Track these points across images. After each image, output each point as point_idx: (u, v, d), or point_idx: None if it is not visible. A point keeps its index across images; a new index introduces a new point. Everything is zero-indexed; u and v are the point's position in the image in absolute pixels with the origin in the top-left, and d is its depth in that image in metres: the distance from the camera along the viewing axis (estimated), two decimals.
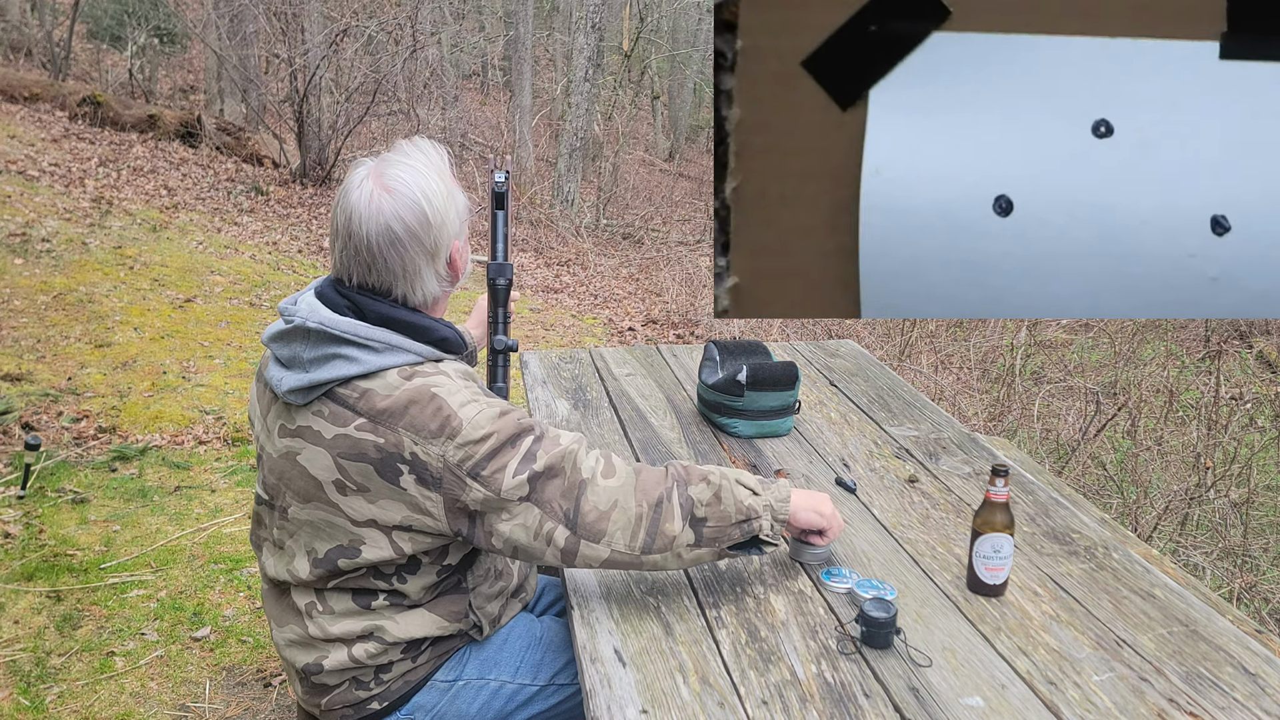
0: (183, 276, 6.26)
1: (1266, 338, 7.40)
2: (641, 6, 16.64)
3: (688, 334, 7.16)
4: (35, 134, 8.75)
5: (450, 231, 1.45)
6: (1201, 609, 1.58)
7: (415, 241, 1.41)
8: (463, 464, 1.35)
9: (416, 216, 1.40)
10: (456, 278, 1.51)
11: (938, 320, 6.43)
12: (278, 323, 1.46)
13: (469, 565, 1.54)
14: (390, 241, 1.39)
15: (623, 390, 2.52)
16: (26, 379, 4.36)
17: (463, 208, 1.48)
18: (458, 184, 1.50)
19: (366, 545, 1.42)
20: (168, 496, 3.57)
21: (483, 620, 1.57)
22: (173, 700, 2.49)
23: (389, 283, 1.43)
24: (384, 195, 1.40)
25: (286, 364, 1.43)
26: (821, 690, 1.32)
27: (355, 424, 1.37)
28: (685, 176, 17.42)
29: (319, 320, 1.39)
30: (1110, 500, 4.28)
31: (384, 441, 1.35)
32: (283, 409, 1.45)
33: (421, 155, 1.46)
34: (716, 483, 1.46)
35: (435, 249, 1.43)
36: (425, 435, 1.35)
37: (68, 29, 11.19)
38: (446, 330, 1.46)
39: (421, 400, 1.36)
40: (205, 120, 10.26)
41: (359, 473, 1.38)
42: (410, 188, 1.41)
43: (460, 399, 1.37)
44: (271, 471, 1.49)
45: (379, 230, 1.39)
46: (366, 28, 10.17)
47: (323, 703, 1.53)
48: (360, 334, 1.38)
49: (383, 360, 1.38)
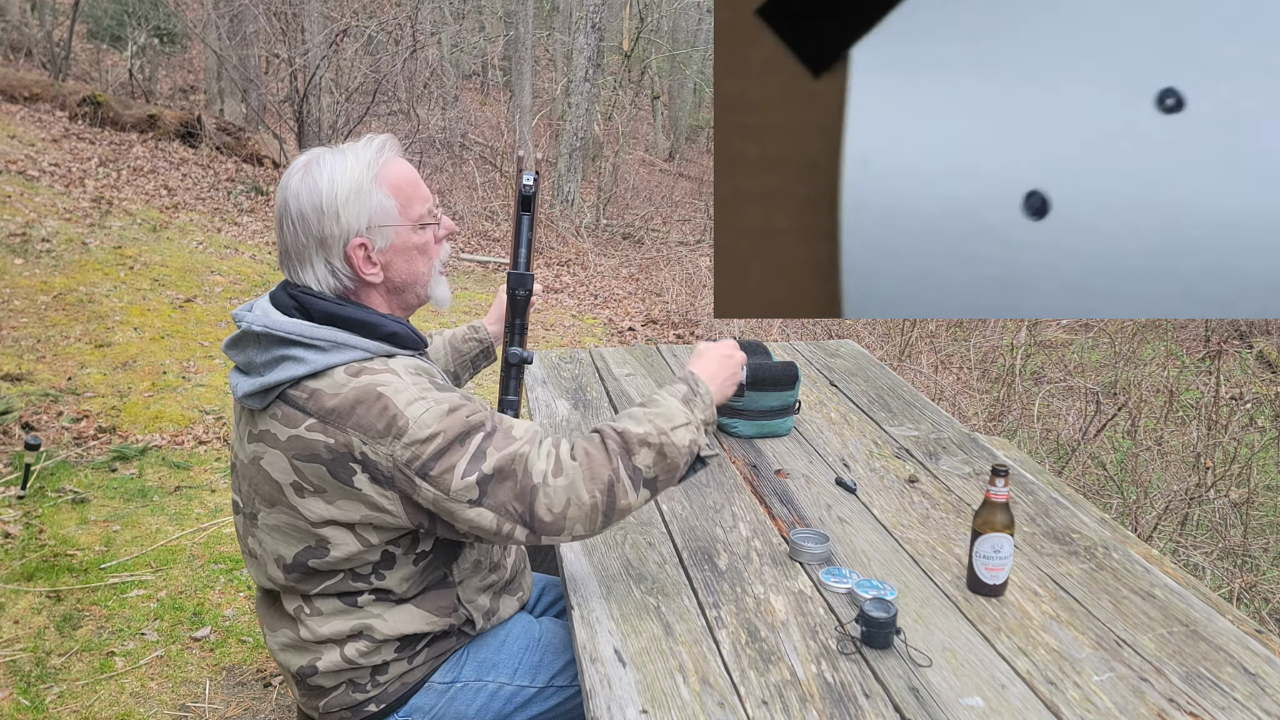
0: (183, 276, 6.26)
1: (1266, 338, 7.40)
2: (641, 6, 16.64)
3: (688, 334, 7.16)
4: (35, 134, 8.75)
5: (344, 228, 1.40)
6: (1201, 609, 1.58)
7: (302, 222, 1.41)
8: (410, 464, 1.35)
9: (311, 199, 1.40)
10: (365, 280, 1.45)
11: (938, 320, 6.43)
12: (235, 331, 1.47)
13: (453, 558, 1.53)
14: (285, 214, 1.43)
15: (623, 390, 2.52)
16: (26, 379, 4.36)
17: (378, 211, 1.42)
18: (392, 188, 1.44)
19: (333, 544, 1.42)
20: (168, 496, 3.57)
21: (474, 614, 1.56)
22: (173, 700, 2.49)
23: (288, 261, 1.44)
24: (299, 175, 1.43)
25: (245, 370, 1.45)
26: (821, 690, 1.32)
27: (305, 424, 1.37)
28: (685, 176, 17.41)
29: (264, 324, 1.40)
30: (1110, 500, 4.28)
31: (334, 442, 1.36)
32: (248, 415, 1.47)
33: (358, 148, 1.46)
34: (657, 442, 1.44)
35: (322, 238, 1.41)
36: (373, 435, 1.34)
37: (68, 29, 11.19)
38: (395, 325, 1.46)
39: (368, 400, 1.35)
40: (205, 120, 10.26)
41: (313, 474, 1.38)
42: (322, 171, 1.41)
43: (407, 397, 1.36)
44: (244, 479, 1.50)
45: (281, 202, 1.44)
46: (366, 28, 10.17)
47: (320, 705, 1.53)
48: (306, 334, 1.39)
49: (329, 359, 1.38)
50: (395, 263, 1.46)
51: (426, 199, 1.49)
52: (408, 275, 1.48)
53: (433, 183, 11.64)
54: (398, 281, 1.48)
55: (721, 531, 1.77)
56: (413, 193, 1.47)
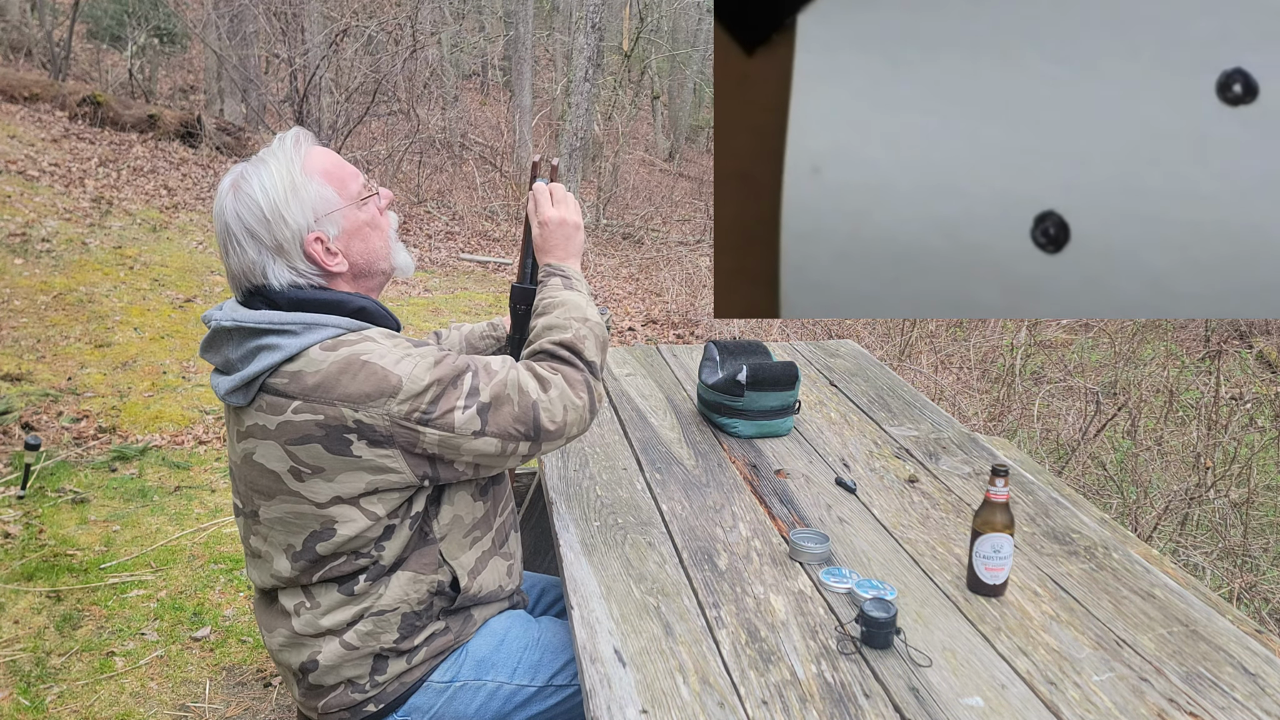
0: (183, 276, 6.26)
1: (1266, 338, 7.40)
2: (641, 6, 16.63)
3: (688, 334, 7.15)
4: (35, 134, 8.75)
5: (293, 228, 1.43)
6: (1201, 609, 1.58)
7: (251, 237, 1.43)
8: (409, 416, 1.39)
9: (252, 213, 1.42)
10: (329, 271, 1.47)
11: (938, 320, 6.43)
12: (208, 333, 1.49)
13: (434, 515, 1.53)
14: (229, 236, 1.44)
15: (623, 390, 2.52)
16: (26, 379, 4.36)
17: (319, 200, 1.45)
18: (324, 174, 1.46)
19: (339, 523, 1.44)
20: (168, 496, 3.57)
21: (458, 571, 1.54)
22: (173, 700, 2.49)
23: (251, 276, 1.45)
24: (230, 195, 1.44)
25: (223, 370, 1.47)
26: (821, 690, 1.32)
27: (292, 408, 1.39)
28: (685, 176, 17.41)
29: (233, 319, 1.42)
30: (1110, 500, 4.28)
31: (323, 417, 1.38)
32: (234, 414, 1.48)
33: (277, 150, 1.47)
34: (585, 332, 1.56)
35: (277, 245, 1.43)
36: (363, 400, 1.37)
37: (68, 29, 11.18)
38: (363, 300, 1.48)
39: (352, 369, 1.38)
40: (205, 120, 10.26)
41: (309, 455, 1.40)
42: (252, 185, 1.43)
43: (393, 358, 1.40)
44: (240, 479, 1.51)
45: (222, 227, 1.45)
46: (366, 28, 10.17)
47: (319, 705, 1.53)
48: (276, 321, 1.41)
49: (302, 340, 1.40)
50: (353, 245, 1.49)
51: (357, 175, 1.53)
52: (367, 253, 1.51)
53: (433, 183, 11.64)
54: (361, 263, 1.51)
55: (721, 531, 1.77)
56: (343, 173, 1.50)
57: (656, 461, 2.07)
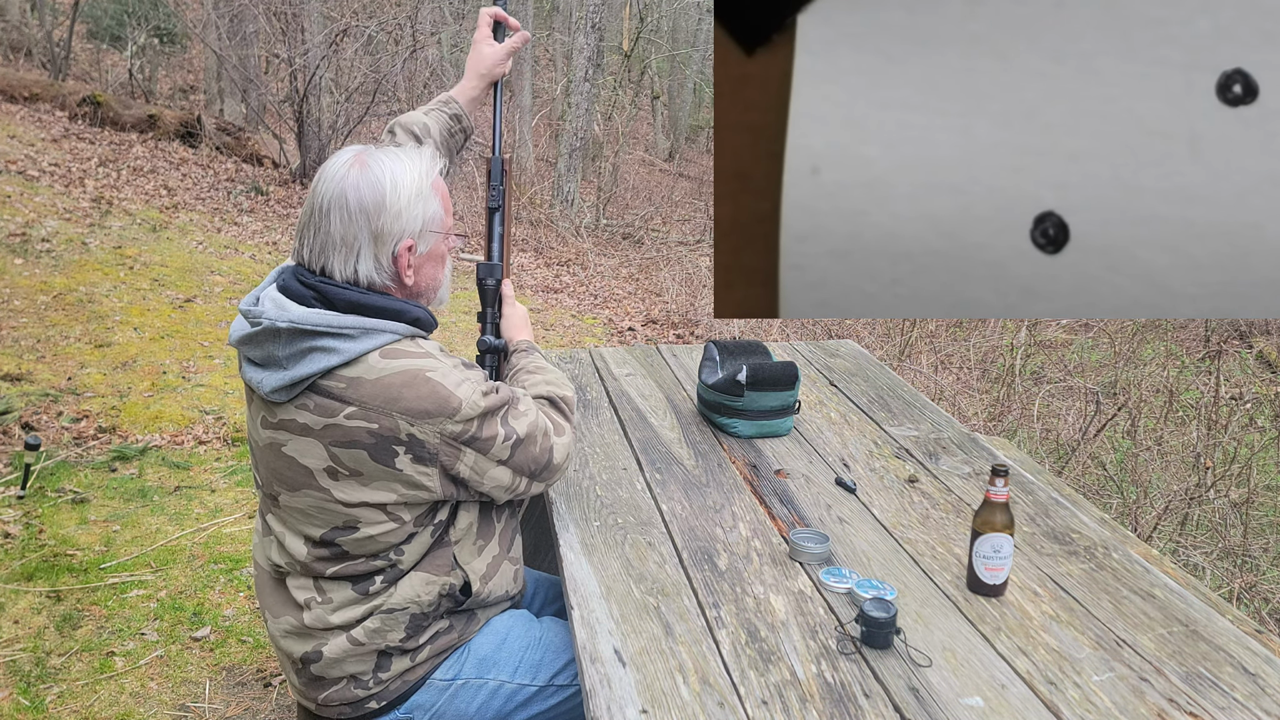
0: (183, 276, 6.26)
1: (1266, 338, 7.40)
2: (641, 6, 16.63)
3: (688, 334, 7.15)
4: (35, 134, 8.74)
5: (403, 226, 1.46)
6: (1201, 609, 1.58)
7: (363, 215, 1.43)
8: (459, 436, 1.43)
9: (374, 194, 1.43)
10: (401, 281, 1.49)
11: (937, 320, 6.43)
12: (241, 323, 1.46)
13: (452, 521, 1.56)
14: (340, 205, 1.42)
15: (623, 390, 2.52)
16: (26, 379, 4.36)
17: (431, 217, 1.49)
18: (442, 197, 1.52)
19: (363, 523, 1.46)
20: (168, 496, 3.57)
21: (470, 575, 1.57)
22: (173, 700, 2.49)
23: (328, 252, 1.44)
24: (356, 169, 1.44)
25: (262, 364, 1.44)
26: (821, 690, 1.32)
27: (345, 413, 1.39)
28: (685, 176, 17.40)
29: (289, 319, 1.40)
30: (1110, 500, 4.28)
31: (378, 427, 1.39)
32: (264, 404, 1.47)
33: (413, 154, 1.50)
34: (563, 395, 1.69)
35: (379, 233, 1.44)
36: (421, 416, 1.40)
37: (68, 29, 11.18)
38: (419, 311, 1.51)
39: (416, 384, 1.40)
40: (205, 120, 10.26)
41: (352, 459, 1.41)
42: (383, 169, 1.45)
43: (455, 379, 1.43)
44: (261, 462, 1.52)
45: (334, 193, 1.43)
46: (366, 28, 10.17)
47: (320, 698, 1.53)
48: (334, 324, 1.40)
49: (360, 345, 1.40)
50: (424, 268, 1.53)
51: (451, 211, 1.57)
52: (430, 281, 1.56)
53: None
54: (423, 286, 1.54)
55: (721, 531, 1.77)
56: (449, 205, 1.56)
57: (656, 461, 2.07)
